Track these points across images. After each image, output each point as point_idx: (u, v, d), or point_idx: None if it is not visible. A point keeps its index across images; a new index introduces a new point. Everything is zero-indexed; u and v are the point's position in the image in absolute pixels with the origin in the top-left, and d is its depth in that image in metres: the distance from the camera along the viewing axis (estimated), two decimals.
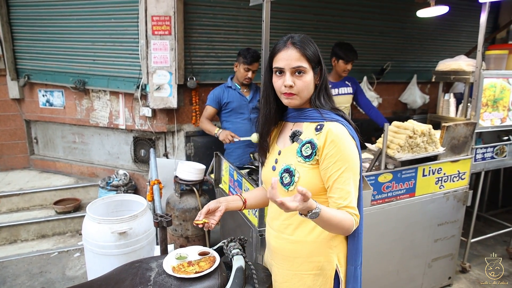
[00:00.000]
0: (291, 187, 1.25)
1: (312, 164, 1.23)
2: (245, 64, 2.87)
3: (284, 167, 1.29)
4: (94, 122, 3.90)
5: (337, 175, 1.19)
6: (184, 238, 2.96)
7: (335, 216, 1.14)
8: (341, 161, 1.18)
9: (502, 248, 3.56)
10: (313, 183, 1.23)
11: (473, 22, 5.03)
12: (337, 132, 1.19)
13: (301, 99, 1.26)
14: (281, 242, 1.36)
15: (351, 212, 1.19)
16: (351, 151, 1.20)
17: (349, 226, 1.18)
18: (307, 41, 1.25)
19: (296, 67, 1.23)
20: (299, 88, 1.23)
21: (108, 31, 3.52)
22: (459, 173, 2.58)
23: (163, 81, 3.36)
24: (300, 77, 1.23)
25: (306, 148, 1.24)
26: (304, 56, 1.22)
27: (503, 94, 2.70)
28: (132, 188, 3.75)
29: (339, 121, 1.23)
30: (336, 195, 1.20)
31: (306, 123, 1.30)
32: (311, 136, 1.25)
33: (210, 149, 3.81)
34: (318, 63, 1.26)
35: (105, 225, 2.10)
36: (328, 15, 4.00)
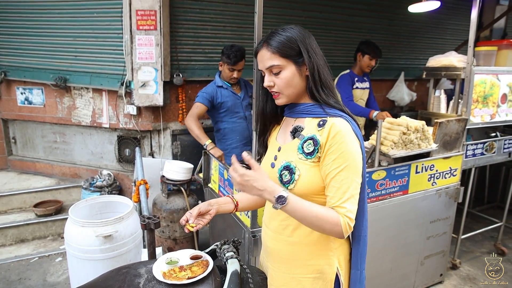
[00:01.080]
0: (290, 185, 1.18)
1: (314, 161, 1.16)
2: (229, 64, 2.79)
3: (283, 164, 1.22)
4: (76, 121, 3.75)
5: (335, 172, 1.12)
6: (172, 239, 2.86)
7: (310, 210, 1.09)
8: (342, 159, 1.11)
9: (489, 244, 3.59)
10: (315, 182, 1.17)
11: (458, 20, 5.11)
12: (340, 128, 1.13)
13: (287, 96, 1.22)
14: (279, 244, 1.29)
15: (341, 212, 1.09)
16: (353, 149, 1.13)
17: (332, 228, 1.09)
18: (280, 35, 1.17)
19: (269, 67, 1.19)
20: (280, 87, 1.20)
21: (90, 26, 3.38)
22: (451, 169, 2.56)
23: (148, 78, 3.24)
24: (278, 75, 1.19)
25: (308, 144, 1.18)
26: (277, 53, 1.16)
27: (492, 91, 2.71)
28: (116, 188, 3.62)
29: (343, 117, 1.16)
30: (331, 193, 1.13)
31: (308, 119, 1.23)
32: (313, 132, 1.18)
33: (198, 148, 3.72)
34: (299, 54, 1.17)
35: (89, 228, 1.99)
36: (316, 11, 3.96)
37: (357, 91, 3.39)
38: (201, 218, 1.32)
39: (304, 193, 1.17)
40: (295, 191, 1.18)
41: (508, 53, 2.77)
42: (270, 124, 1.38)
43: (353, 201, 1.12)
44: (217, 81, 2.94)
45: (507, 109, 2.85)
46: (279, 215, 1.27)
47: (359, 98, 3.43)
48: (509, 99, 2.85)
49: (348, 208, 1.10)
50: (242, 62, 2.81)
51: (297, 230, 1.24)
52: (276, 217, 1.29)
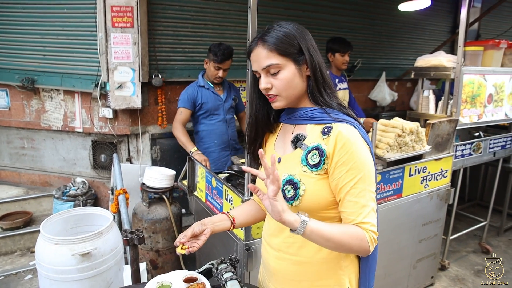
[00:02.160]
0: (295, 202, 1.06)
1: (320, 174, 1.04)
2: (215, 62, 2.65)
3: (286, 177, 1.09)
4: (46, 125, 3.48)
5: (349, 186, 1.00)
6: (155, 251, 2.68)
7: (333, 232, 0.97)
8: (355, 170, 1.00)
9: (474, 242, 3.62)
10: (322, 196, 1.05)
11: (436, 22, 5.18)
12: (348, 135, 1.00)
13: (286, 99, 1.09)
14: (283, 263, 1.16)
15: (366, 228, 1.00)
16: (365, 157, 1.01)
17: (360, 245, 0.99)
18: (277, 30, 1.05)
19: (266, 67, 1.05)
20: (278, 89, 1.07)
21: (60, 23, 3.13)
22: (442, 171, 2.53)
23: (125, 79, 3.04)
24: (276, 76, 1.06)
25: (313, 155, 1.05)
26: (274, 51, 1.04)
27: (480, 91, 2.70)
28: (92, 197, 3.39)
29: (348, 122, 1.04)
30: (348, 209, 1.02)
31: (310, 125, 1.10)
32: (318, 141, 1.06)
33: (178, 152, 3.54)
34: (299, 52, 1.05)
35: (64, 246, 1.79)
36: (298, 9, 3.87)
37: (339, 93, 3.24)
38: (195, 240, 1.17)
39: (311, 209, 1.05)
40: (300, 207, 1.06)
41: (494, 53, 2.78)
42: (262, 132, 1.24)
43: (373, 215, 1.02)
44: (200, 80, 2.80)
45: (493, 109, 2.86)
46: (282, 232, 1.14)
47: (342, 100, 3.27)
48: (495, 99, 2.85)
49: (371, 222, 1.01)
50: (229, 61, 2.68)
51: (304, 248, 1.11)
52: (279, 234, 1.16)
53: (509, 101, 2.98)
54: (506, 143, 3.16)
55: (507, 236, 3.82)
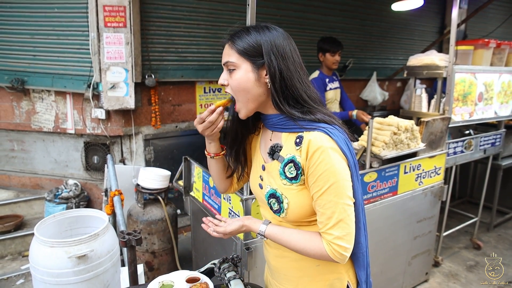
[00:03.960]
0: (282, 214, 1.07)
1: (300, 184, 1.03)
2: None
3: (269, 190, 1.09)
4: (37, 127, 3.42)
5: (317, 196, 0.98)
6: (150, 253, 2.66)
7: (289, 241, 1.05)
8: (322, 181, 0.96)
9: (465, 238, 3.68)
10: (307, 205, 1.04)
11: (425, 23, 5.25)
12: (317, 145, 0.96)
13: (242, 103, 1.05)
14: (283, 261, 1.16)
15: (328, 240, 0.98)
16: (335, 167, 0.96)
17: (319, 254, 1.00)
18: (245, 30, 1.03)
19: (225, 63, 1.05)
20: (231, 88, 1.05)
21: (50, 22, 3.08)
22: (435, 168, 2.56)
23: (118, 79, 3.01)
24: (232, 74, 1.04)
25: (290, 168, 1.03)
26: (234, 49, 1.02)
27: (471, 89, 2.74)
28: (84, 199, 3.34)
29: (320, 129, 0.98)
30: (318, 218, 1.02)
31: (285, 134, 1.07)
32: (293, 152, 1.03)
33: (172, 153, 3.52)
34: (259, 55, 1.00)
35: (59, 248, 1.75)
36: (290, 9, 3.89)
37: (330, 93, 3.23)
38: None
39: (298, 218, 1.07)
40: (288, 218, 1.07)
41: (484, 52, 2.83)
42: (242, 134, 1.21)
43: (342, 226, 0.97)
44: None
45: (483, 107, 2.91)
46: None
47: (333, 99, 3.28)
48: (485, 98, 2.91)
49: (335, 234, 0.97)
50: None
51: None
52: None
53: (498, 99, 3.04)
54: (495, 140, 3.22)
55: (497, 232, 3.89)
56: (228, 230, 1.14)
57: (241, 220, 1.14)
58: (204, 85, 3.59)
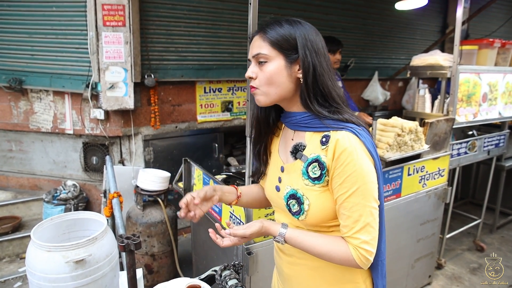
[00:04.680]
0: (301, 217, 1.02)
1: (323, 186, 0.99)
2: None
3: (289, 191, 1.05)
4: (35, 127, 3.38)
5: (343, 198, 0.95)
6: (150, 256, 2.62)
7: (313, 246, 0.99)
8: (349, 182, 0.93)
9: (468, 240, 3.64)
10: (328, 208, 1.00)
11: (427, 22, 5.21)
12: (346, 145, 0.93)
13: (265, 95, 1.02)
14: (297, 269, 1.12)
15: (353, 243, 0.95)
16: (363, 168, 0.93)
17: (344, 259, 0.96)
18: (278, 22, 1.00)
19: (255, 55, 1.01)
20: (259, 80, 1.01)
21: (48, 21, 3.04)
22: (439, 170, 2.53)
23: (117, 79, 2.97)
24: (262, 66, 1.00)
25: (313, 168, 0.99)
26: (267, 41, 0.98)
27: (475, 90, 2.70)
28: (83, 200, 3.30)
29: (348, 129, 0.95)
30: (342, 221, 0.98)
31: (309, 133, 1.03)
32: (317, 152, 0.99)
33: (172, 154, 3.48)
34: (293, 50, 0.98)
35: (56, 253, 1.71)
36: (291, 9, 3.84)
37: None
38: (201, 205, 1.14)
39: (318, 222, 1.02)
40: (307, 221, 1.02)
41: (488, 52, 2.79)
42: (265, 133, 1.18)
43: (368, 230, 0.94)
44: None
45: (487, 108, 2.87)
46: None
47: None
48: (489, 98, 2.87)
49: (362, 239, 0.94)
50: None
51: None
52: None
53: (502, 99, 3.00)
54: (499, 141, 3.18)
55: (500, 234, 3.85)
56: (248, 233, 1.01)
57: (259, 221, 1.03)
58: (204, 85, 3.54)
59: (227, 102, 3.72)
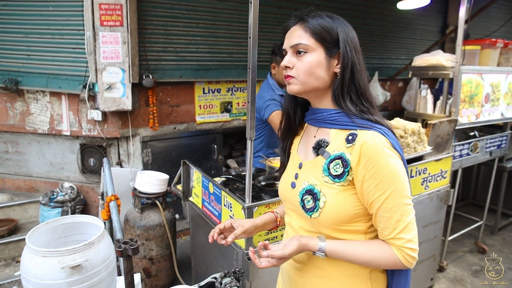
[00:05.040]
0: (314, 214, 0.98)
1: (343, 185, 0.96)
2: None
3: (306, 187, 1.01)
4: (32, 128, 3.33)
5: (380, 201, 0.93)
6: (148, 259, 2.58)
7: (355, 252, 0.96)
8: (385, 183, 0.92)
9: (469, 242, 3.61)
10: (344, 209, 0.96)
11: (426, 22, 5.18)
12: (374, 146, 0.92)
13: (302, 84, 1.00)
14: (307, 277, 1.08)
15: (397, 244, 0.94)
16: (395, 168, 0.92)
17: (390, 262, 0.95)
18: (321, 16, 0.99)
19: (294, 45, 0.99)
20: (298, 70, 0.99)
21: (45, 21, 2.99)
22: (442, 171, 2.49)
23: (114, 80, 2.93)
24: (301, 56, 0.99)
25: (336, 165, 0.97)
26: (309, 32, 0.97)
27: (477, 90, 2.67)
28: (80, 203, 3.26)
29: (375, 129, 0.94)
30: (382, 224, 0.95)
31: (334, 130, 1.02)
32: (341, 149, 0.97)
33: (170, 155, 3.44)
34: (334, 44, 0.98)
35: (52, 258, 1.67)
36: (292, 8, 3.78)
37: None
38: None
39: (330, 222, 0.98)
40: (319, 220, 0.98)
41: (491, 52, 2.76)
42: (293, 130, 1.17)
43: (411, 227, 0.94)
44: (277, 88, 2.53)
45: (489, 108, 2.84)
46: None
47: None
48: (491, 99, 2.83)
49: (406, 238, 0.94)
50: None
51: (329, 261, 1.02)
52: None
53: (505, 100, 2.97)
54: (501, 142, 3.15)
55: (501, 235, 3.82)
56: (287, 253, 0.95)
57: (296, 239, 0.98)
58: (203, 85, 3.51)
59: (226, 103, 3.68)
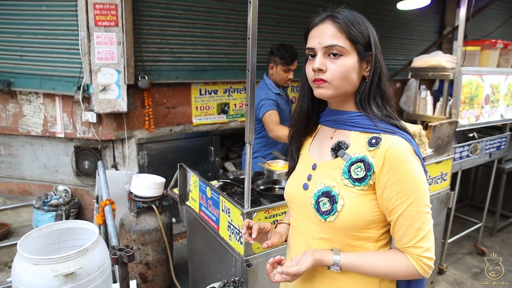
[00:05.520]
0: (330, 217, 0.94)
1: (363, 189, 0.93)
2: (284, 65, 2.47)
3: (322, 188, 0.97)
4: (25, 130, 3.27)
5: (402, 208, 0.90)
6: (144, 264, 2.53)
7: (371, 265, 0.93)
8: (408, 190, 0.89)
9: (468, 244, 3.59)
10: (361, 215, 0.93)
11: (423, 22, 5.17)
12: (400, 152, 0.89)
13: (334, 89, 0.95)
14: (308, 284, 1.04)
15: (415, 253, 0.91)
16: (418, 176, 0.91)
17: (405, 274, 0.93)
18: (354, 16, 0.95)
19: (329, 46, 0.93)
20: (332, 74, 0.94)
21: (38, 21, 2.93)
22: (442, 174, 2.46)
23: (109, 81, 2.87)
24: (336, 59, 0.93)
25: (357, 168, 0.93)
26: (344, 33, 0.93)
27: (477, 91, 2.65)
28: (75, 206, 3.19)
29: (399, 134, 0.92)
30: (401, 232, 0.93)
31: (354, 133, 0.98)
32: (363, 152, 0.94)
33: (167, 158, 3.39)
34: (366, 46, 0.95)
35: (44, 266, 1.62)
36: (288, 8, 3.77)
37: None
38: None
39: (346, 227, 0.95)
40: (335, 224, 0.95)
41: (491, 53, 2.74)
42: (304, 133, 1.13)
43: (430, 236, 0.93)
44: (273, 87, 2.55)
45: (489, 110, 2.81)
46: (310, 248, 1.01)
47: None
48: (491, 100, 2.81)
49: (425, 247, 0.92)
50: (296, 62, 2.51)
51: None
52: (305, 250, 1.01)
53: (504, 101, 2.95)
54: (501, 143, 3.13)
55: (500, 236, 3.81)
56: (302, 270, 0.93)
57: (310, 254, 0.95)
58: (200, 86, 3.46)
59: (223, 104, 3.64)
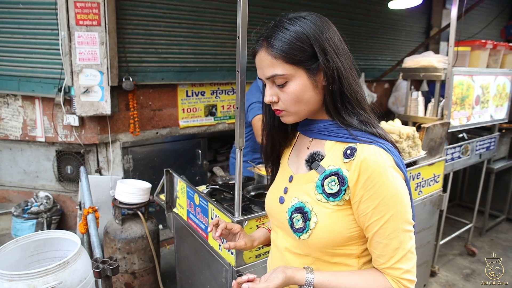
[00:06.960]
0: (304, 235, 0.88)
1: (338, 204, 0.86)
2: None
3: (296, 204, 0.91)
4: (3, 134, 3.12)
5: (378, 225, 0.83)
6: (130, 274, 2.42)
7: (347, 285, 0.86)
8: (384, 206, 0.82)
9: (458, 244, 3.58)
10: (337, 232, 0.86)
11: (410, 23, 5.18)
12: (376, 164, 0.81)
13: (295, 114, 0.90)
14: None
15: (396, 275, 0.84)
16: (397, 189, 0.82)
17: None
18: (287, 31, 0.85)
19: (270, 77, 0.87)
20: (284, 103, 0.89)
21: (15, 19, 2.79)
22: (434, 176, 2.43)
23: (92, 83, 2.75)
24: (283, 88, 0.88)
25: (331, 182, 0.86)
26: (280, 59, 0.84)
27: (468, 92, 2.63)
28: (57, 213, 3.06)
29: (378, 144, 0.84)
30: (377, 251, 0.85)
31: (330, 142, 0.91)
32: (338, 164, 0.87)
33: (153, 161, 3.28)
34: (312, 58, 0.85)
35: (20, 282, 1.52)
36: (277, 8, 3.71)
37: None
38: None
39: (322, 245, 0.88)
40: (309, 242, 0.88)
41: (480, 53, 2.72)
42: (279, 144, 1.06)
43: (409, 257, 0.84)
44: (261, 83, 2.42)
45: (480, 110, 2.80)
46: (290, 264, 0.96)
47: None
48: (481, 101, 2.80)
49: (404, 268, 0.83)
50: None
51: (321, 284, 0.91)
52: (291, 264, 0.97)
53: (494, 102, 2.94)
54: (490, 144, 3.13)
55: (489, 236, 3.82)
56: (272, 286, 0.85)
57: (282, 271, 0.87)
58: (187, 88, 3.36)
59: (210, 106, 3.55)
